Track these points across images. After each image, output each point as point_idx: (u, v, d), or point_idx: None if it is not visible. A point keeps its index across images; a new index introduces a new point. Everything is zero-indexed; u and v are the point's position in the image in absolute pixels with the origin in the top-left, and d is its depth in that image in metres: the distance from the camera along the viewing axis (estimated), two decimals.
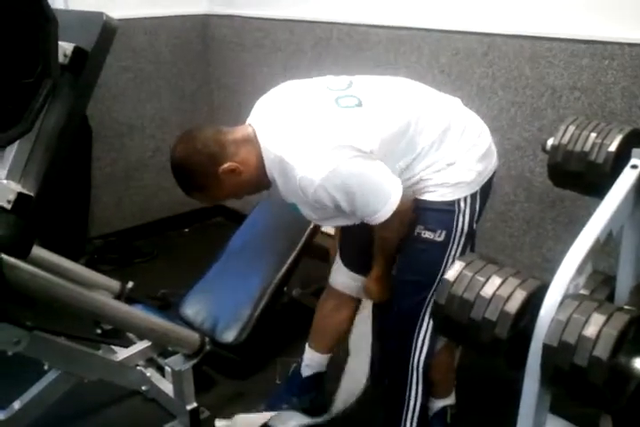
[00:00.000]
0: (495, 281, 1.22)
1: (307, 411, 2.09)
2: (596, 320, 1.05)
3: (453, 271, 1.28)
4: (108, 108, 3.24)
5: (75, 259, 2.22)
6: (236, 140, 1.58)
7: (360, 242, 1.80)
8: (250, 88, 3.12)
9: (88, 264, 2.79)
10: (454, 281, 1.26)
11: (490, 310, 1.19)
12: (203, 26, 3.49)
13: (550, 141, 1.65)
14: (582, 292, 1.26)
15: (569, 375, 1.06)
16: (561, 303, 1.11)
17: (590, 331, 1.04)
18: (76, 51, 1.36)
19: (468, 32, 2.32)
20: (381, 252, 1.75)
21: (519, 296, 1.18)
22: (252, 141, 1.58)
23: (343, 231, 1.94)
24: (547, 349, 1.08)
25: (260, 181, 1.62)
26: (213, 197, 1.68)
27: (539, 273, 1.22)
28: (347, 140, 1.48)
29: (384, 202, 1.53)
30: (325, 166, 1.46)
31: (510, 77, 2.25)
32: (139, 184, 3.50)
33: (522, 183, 2.30)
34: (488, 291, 1.21)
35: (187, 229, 3.69)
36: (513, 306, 1.17)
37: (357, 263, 1.92)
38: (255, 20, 3.19)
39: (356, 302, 1.99)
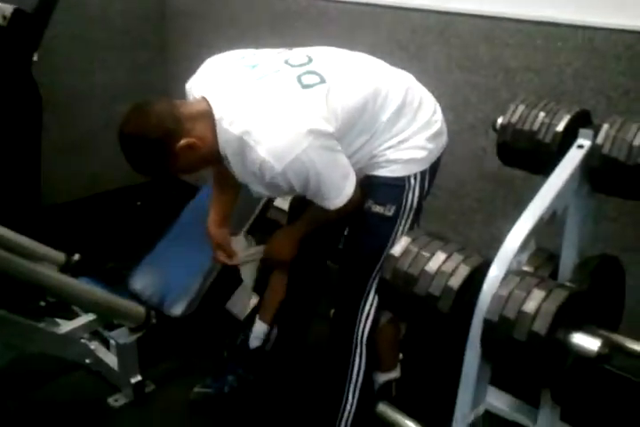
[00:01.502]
0: (440, 257, 1.23)
1: (253, 383, 2.11)
2: (536, 296, 1.06)
3: (399, 247, 1.29)
4: (59, 77, 3.12)
5: (25, 230, 2.16)
6: (191, 115, 1.50)
7: None
8: (207, 58, 3.05)
9: (37, 236, 2.72)
10: (400, 256, 1.27)
11: (433, 285, 1.19)
12: None
13: (500, 120, 1.66)
14: (525, 269, 1.27)
15: (508, 350, 1.08)
16: (503, 279, 1.13)
17: (530, 306, 1.05)
18: (16, 12, 1.31)
19: (426, 10, 2.30)
20: (311, 219, 1.78)
21: (462, 271, 1.19)
22: (207, 116, 1.51)
23: (293, 204, 1.94)
24: (487, 323, 1.09)
25: (214, 156, 1.56)
26: (167, 174, 1.62)
27: (487, 251, 1.23)
28: (310, 124, 1.45)
29: (338, 193, 1.55)
30: (288, 154, 1.44)
31: (466, 57, 2.25)
32: (90, 155, 3.41)
33: (474, 162, 2.32)
34: (432, 266, 1.22)
35: (139, 202, 3.62)
36: (456, 281, 1.18)
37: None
38: None
39: None
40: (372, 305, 1.73)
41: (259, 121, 1.46)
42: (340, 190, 1.55)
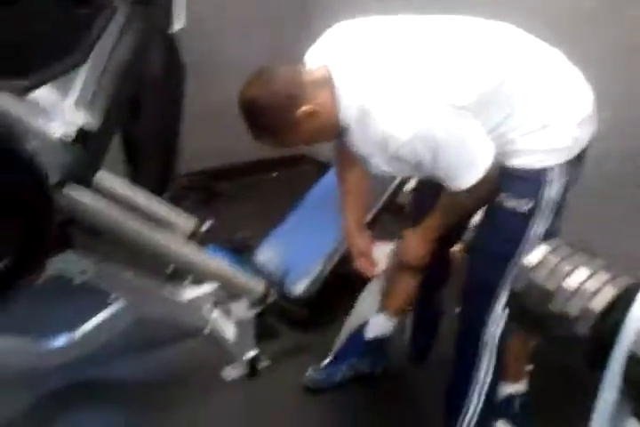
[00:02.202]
0: (582, 273, 1.09)
1: (366, 376, 2.06)
2: None
3: (536, 256, 1.16)
4: (205, 44, 3.17)
5: (160, 194, 2.22)
6: (314, 82, 1.46)
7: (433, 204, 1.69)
8: None
9: (172, 200, 2.80)
10: (535, 266, 1.15)
11: (572, 303, 1.07)
12: None
13: None
14: None
15: None
16: None
17: None
18: None
19: None
20: (444, 213, 1.65)
21: (608, 293, 1.05)
22: (328, 83, 1.45)
23: (415, 193, 1.84)
24: (633, 358, 0.96)
25: (335, 126, 1.50)
26: (286, 142, 1.58)
27: (637, 270, 1.08)
28: (440, 94, 1.36)
29: (471, 167, 1.42)
30: (417, 123, 1.35)
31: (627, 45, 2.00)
32: (230, 124, 3.46)
33: (632, 162, 2.08)
34: (572, 282, 1.09)
35: (274, 174, 3.65)
36: (599, 303, 1.05)
37: None
38: None
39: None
40: (503, 307, 1.59)
41: (382, 89, 1.39)
42: (473, 163, 1.42)
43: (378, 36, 1.48)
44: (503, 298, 1.59)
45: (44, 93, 1.39)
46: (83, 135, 1.32)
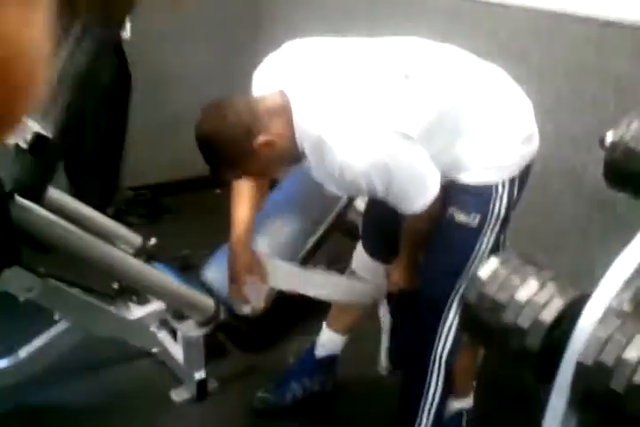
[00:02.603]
0: (532, 285, 1.12)
1: (316, 394, 2.05)
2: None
3: (487, 269, 1.19)
4: (150, 56, 3.14)
5: (102, 209, 2.18)
6: (269, 110, 1.43)
7: (384, 228, 1.71)
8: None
9: (115, 216, 2.75)
10: (487, 279, 1.17)
11: (523, 316, 1.09)
12: None
13: (610, 136, 1.51)
14: (626, 310, 1.15)
15: (602, 400, 0.97)
16: (601, 319, 1.01)
17: (632, 354, 0.94)
18: None
19: (531, 9, 2.16)
20: (410, 241, 1.67)
21: (557, 304, 1.08)
22: (284, 111, 1.43)
23: (365, 217, 1.86)
24: (580, 367, 0.98)
25: (292, 154, 1.49)
26: (246, 174, 1.58)
27: (578, 279, 1.12)
28: (394, 125, 1.37)
29: (422, 194, 1.45)
30: (371, 154, 1.35)
31: (573, 62, 2.09)
32: (175, 138, 3.42)
33: (572, 179, 2.15)
34: (523, 295, 1.11)
35: (218, 191, 3.63)
36: (549, 315, 1.07)
37: (380, 250, 1.85)
38: None
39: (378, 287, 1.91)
40: (452, 322, 1.62)
41: (339, 119, 1.39)
42: (423, 189, 1.44)
43: (328, 58, 1.48)
44: (453, 313, 1.62)
45: None
46: (38, 143, 1.28)
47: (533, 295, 1.11)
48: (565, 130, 2.13)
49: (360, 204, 2.34)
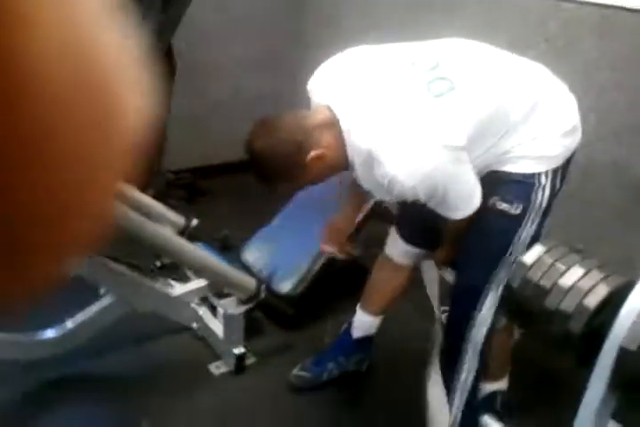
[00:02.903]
0: (577, 271, 1.15)
1: (352, 374, 2.09)
2: None
3: (532, 255, 1.22)
4: (199, 43, 3.20)
5: (143, 189, 2.23)
6: (318, 125, 1.48)
7: (420, 216, 1.74)
8: (342, 44, 3.02)
9: (156, 197, 2.80)
10: (532, 265, 1.20)
11: (566, 301, 1.12)
12: None
13: None
14: None
15: None
16: None
17: None
18: None
19: (581, 1, 2.15)
20: (453, 234, 1.71)
21: (601, 291, 1.11)
22: (333, 125, 1.47)
23: (401, 204, 1.89)
24: (623, 352, 1.01)
25: (343, 164, 1.54)
26: (298, 186, 1.64)
27: (623, 270, 1.14)
28: (443, 139, 1.40)
29: (466, 205, 1.50)
30: (419, 171, 1.39)
31: (620, 56, 2.09)
32: (213, 125, 3.49)
33: (614, 171, 2.16)
34: (567, 281, 1.14)
35: None
36: (593, 300, 1.10)
37: (416, 237, 1.88)
38: None
39: (412, 270, 1.97)
40: (490, 307, 1.64)
41: (389, 135, 1.41)
42: (466, 204, 1.50)
43: (374, 71, 1.50)
44: (490, 299, 1.64)
45: None
46: None
47: (578, 281, 1.14)
48: (607, 123, 2.14)
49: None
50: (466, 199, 1.50)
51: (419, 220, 1.79)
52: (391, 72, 1.49)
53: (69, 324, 1.94)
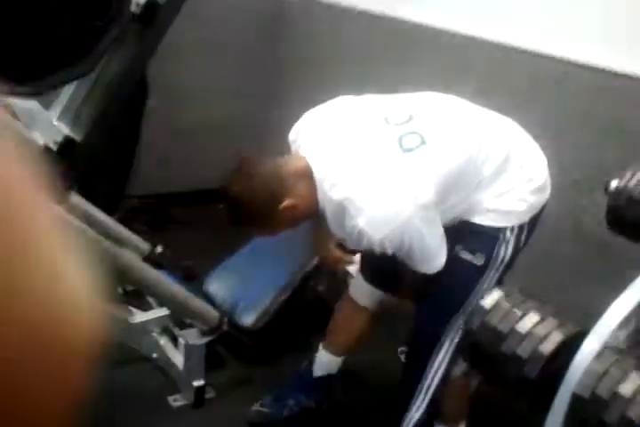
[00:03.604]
0: (533, 318, 1.19)
1: (311, 412, 2.09)
2: (635, 379, 1.01)
3: (491, 299, 1.25)
4: (171, 68, 3.20)
5: (108, 213, 2.22)
6: (293, 174, 1.54)
7: (383, 260, 1.78)
8: (316, 75, 3.10)
9: (121, 222, 2.79)
10: (490, 309, 1.23)
11: (523, 346, 1.15)
12: (280, 9, 3.44)
13: (614, 183, 1.59)
14: (622, 347, 1.21)
15: None
16: (599, 354, 1.08)
17: (627, 388, 1.00)
18: (149, 2, 1.34)
19: (545, 55, 2.23)
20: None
21: (555, 338, 1.15)
22: (307, 175, 1.53)
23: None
24: (576, 399, 1.04)
25: (313, 214, 1.60)
26: (267, 231, 1.69)
27: (576, 318, 1.18)
28: (413, 195, 1.45)
29: (430, 263, 1.56)
30: (388, 226, 1.44)
31: (580, 110, 2.18)
32: (185, 151, 3.49)
33: (572, 220, 2.22)
34: (524, 326, 1.18)
35: (221, 206, 3.67)
36: (548, 347, 1.14)
37: (378, 278, 1.92)
38: (333, 9, 3.12)
39: (372, 314, 1.99)
40: (446, 352, 1.68)
41: (360, 188, 1.47)
42: (432, 260, 1.55)
43: (352, 130, 1.56)
44: (447, 344, 1.67)
45: (21, 103, 1.40)
46: (67, 146, 1.33)
47: (534, 327, 1.17)
48: (568, 173, 2.20)
49: None
50: (430, 258, 1.55)
51: (381, 263, 1.83)
52: (365, 127, 1.55)
53: None
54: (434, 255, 1.55)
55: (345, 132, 1.56)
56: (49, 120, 1.41)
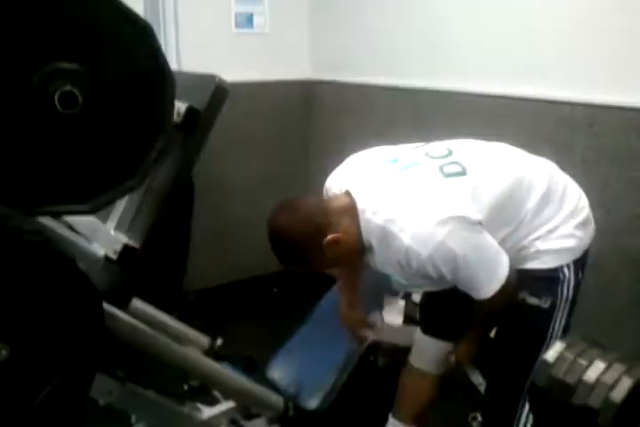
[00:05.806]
0: (599, 365, 1.17)
1: None
2: None
3: (554, 352, 1.24)
4: (210, 167, 3.35)
5: (168, 311, 2.27)
6: (337, 210, 1.55)
7: (445, 303, 1.77)
8: (348, 153, 3.17)
9: (180, 318, 2.84)
10: (554, 362, 1.22)
11: (593, 396, 1.13)
12: (306, 90, 3.65)
13: None
14: None
15: None
16: None
17: None
18: (189, 110, 1.40)
19: (571, 102, 2.29)
20: (483, 320, 1.74)
21: (626, 384, 1.13)
22: (350, 211, 1.54)
23: (425, 301, 1.92)
24: None
25: (358, 249, 1.59)
26: (313, 267, 1.67)
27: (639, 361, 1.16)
28: (455, 210, 1.46)
29: (491, 277, 1.50)
30: (434, 239, 1.43)
31: (617, 150, 2.18)
32: (233, 242, 3.59)
33: (628, 262, 2.20)
34: (591, 375, 1.16)
35: (275, 289, 3.72)
36: (619, 394, 1.12)
37: (443, 327, 1.91)
38: (356, 86, 3.29)
39: (439, 378, 1.97)
40: (529, 413, 1.61)
41: (401, 209, 1.48)
42: (492, 273, 1.49)
43: (391, 162, 1.60)
44: (526, 410, 1.63)
45: (80, 218, 1.47)
46: (126, 254, 1.38)
47: (601, 376, 1.15)
48: (615, 216, 2.19)
49: (416, 296, 2.41)
50: (490, 268, 1.49)
51: (443, 306, 1.82)
52: (406, 160, 1.58)
53: None
54: (494, 267, 1.49)
55: (385, 168, 1.58)
56: (107, 231, 1.47)
